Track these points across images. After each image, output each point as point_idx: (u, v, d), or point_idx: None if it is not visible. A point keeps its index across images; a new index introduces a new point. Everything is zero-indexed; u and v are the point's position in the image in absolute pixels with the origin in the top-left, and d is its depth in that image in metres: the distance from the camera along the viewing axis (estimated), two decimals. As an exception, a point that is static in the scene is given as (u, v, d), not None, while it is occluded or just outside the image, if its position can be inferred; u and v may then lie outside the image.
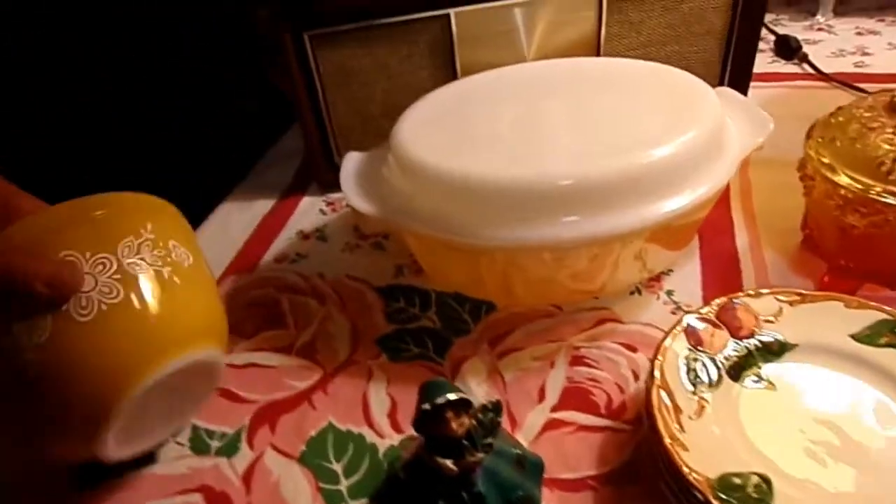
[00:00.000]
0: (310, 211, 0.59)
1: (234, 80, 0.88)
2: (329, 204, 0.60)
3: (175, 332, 0.32)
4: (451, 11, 0.52)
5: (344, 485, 0.35)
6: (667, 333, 0.36)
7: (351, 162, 0.46)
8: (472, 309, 0.46)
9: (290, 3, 0.51)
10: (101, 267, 0.31)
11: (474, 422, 0.30)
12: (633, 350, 0.41)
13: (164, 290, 0.32)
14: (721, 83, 0.59)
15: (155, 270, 0.32)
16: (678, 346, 0.35)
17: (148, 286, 0.32)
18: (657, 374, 0.33)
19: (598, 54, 0.56)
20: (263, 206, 0.60)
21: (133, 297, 0.31)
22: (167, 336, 0.32)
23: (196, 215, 0.61)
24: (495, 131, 0.44)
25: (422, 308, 0.46)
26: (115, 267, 0.31)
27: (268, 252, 0.54)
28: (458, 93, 0.48)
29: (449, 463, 0.29)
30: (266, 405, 0.40)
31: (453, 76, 0.55)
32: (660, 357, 0.34)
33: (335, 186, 0.60)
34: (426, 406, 0.27)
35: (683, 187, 0.39)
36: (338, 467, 0.36)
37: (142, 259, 0.32)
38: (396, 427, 0.38)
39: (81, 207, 0.33)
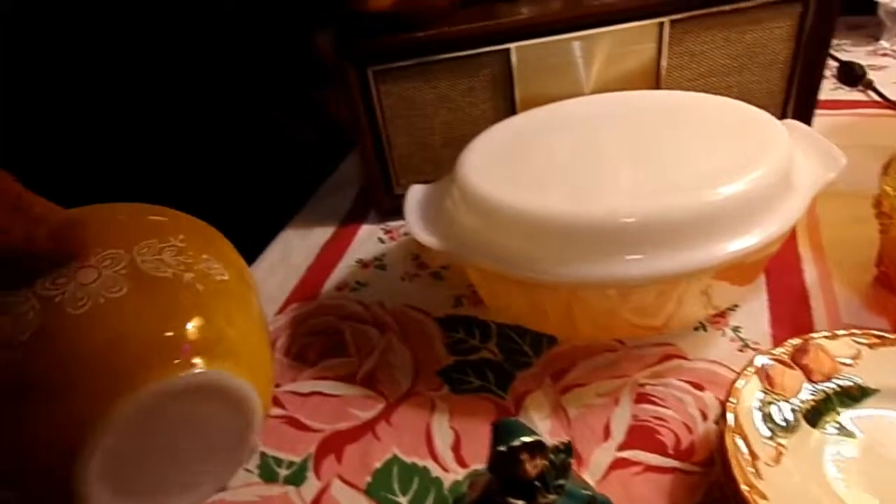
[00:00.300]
0: (368, 239, 0.60)
1: (292, 110, 0.92)
2: (387, 232, 0.61)
3: (186, 339, 0.27)
4: (512, 46, 0.53)
5: (410, 519, 0.35)
6: (738, 374, 0.35)
7: (414, 194, 0.47)
8: (533, 341, 0.46)
9: (357, 39, 0.52)
10: (108, 261, 0.27)
11: (546, 462, 0.29)
12: (700, 388, 0.40)
13: (179, 291, 0.27)
14: (784, 113, 0.58)
15: (174, 273, 0.28)
16: (751, 389, 0.34)
17: (159, 284, 0.27)
18: (730, 417, 0.33)
19: (657, 86, 0.56)
20: (323, 233, 0.62)
21: (138, 291, 0.26)
22: (175, 341, 0.27)
23: (258, 243, 0.63)
24: (559, 166, 0.44)
25: (482, 339, 0.47)
26: (124, 262, 0.27)
27: (329, 280, 0.55)
28: (521, 126, 0.49)
29: (520, 504, 0.29)
30: (331, 434, 0.41)
31: (512, 108, 0.56)
32: (732, 399, 0.34)
33: (393, 215, 0.62)
34: (502, 448, 0.27)
35: (752, 226, 0.39)
36: (403, 500, 0.36)
37: (160, 260, 0.28)
38: (461, 461, 0.38)
39: (128, 210, 0.31)
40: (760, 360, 0.35)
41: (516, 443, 0.27)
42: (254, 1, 0.86)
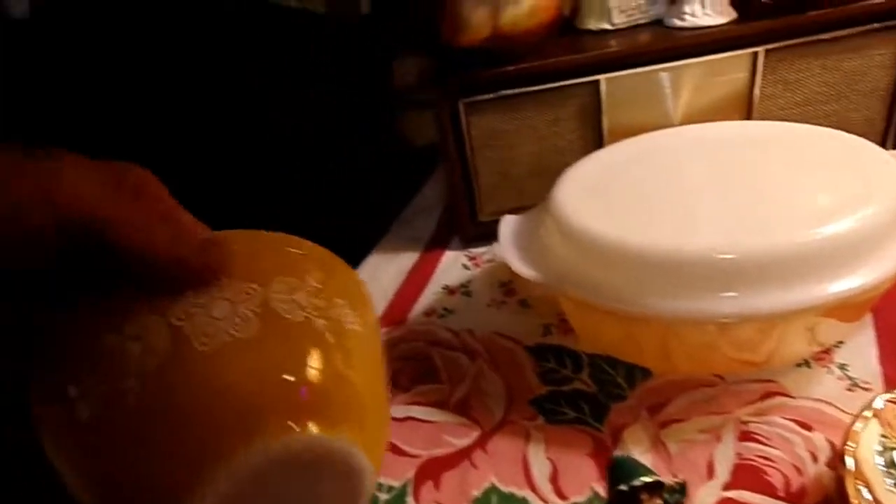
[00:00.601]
0: (453, 265, 0.61)
1: (370, 135, 0.95)
2: (471, 259, 0.62)
3: (310, 396, 0.25)
4: (602, 77, 0.53)
5: (513, 549, 0.36)
6: (855, 417, 0.34)
7: (508, 225, 0.48)
8: (627, 373, 0.45)
9: (451, 74, 0.54)
10: (244, 296, 0.25)
11: (661, 502, 0.29)
12: (808, 428, 0.39)
13: (309, 339, 0.26)
14: (884, 143, 0.56)
15: (306, 317, 0.26)
16: (870, 432, 0.33)
17: (289, 328, 0.25)
18: (850, 462, 0.32)
19: (749, 116, 0.55)
20: (409, 258, 0.63)
21: (266, 335, 0.25)
22: (297, 399, 0.25)
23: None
24: (656, 198, 0.44)
25: (574, 370, 0.47)
26: (258, 299, 0.25)
27: (416, 305, 0.57)
28: (614, 158, 0.49)
29: (635, 542, 0.29)
30: (428, 460, 0.42)
31: (599, 139, 0.56)
32: (851, 444, 0.33)
33: (477, 241, 0.63)
34: (623, 488, 0.27)
35: (861, 266, 0.38)
36: (504, 530, 0.37)
37: (294, 301, 0.26)
38: (559, 493, 0.38)
39: (268, 240, 0.28)
40: (878, 402, 0.34)
41: (637, 482, 0.27)
42: (334, 30, 0.90)
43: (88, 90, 0.73)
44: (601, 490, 0.38)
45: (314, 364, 0.25)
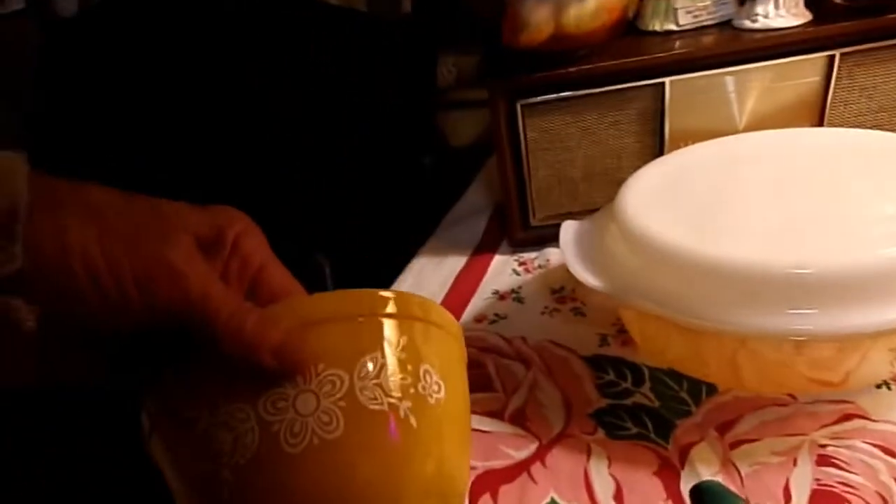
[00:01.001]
0: (503, 270, 0.60)
1: (412, 137, 0.94)
2: (521, 264, 0.60)
3: (399, 489, 0.25)
4: (667, 80, 0.52)
5: (578, 570, 0.34)
6: (953, 446, 0.32)
7: (569, 231, 0.46)
8: (692, 388, 0.44)
9: (510, 75, 0.53)
10: (328, 386, 0.25)
11: (747, 530, 0.28)
12: (892, 454, 0.37)
13: (391, 435, 0.25)
14: (965, 152, 0.53)
15: (390, 404, 0.25)
16: (971, 463, 0.31)
17: (373, 421, 0.25)
18: (951, 494, 0.30)
19: (820, 122, 0.53)
20: (456, 262, 0.62)
21: (352, 437, 0.24)
22: (388, 493, 0.25)
23: (386, 270, 0.64)
24: (726, 207, 0.42)
25: (634, 383, 0.45)
26: (344, 389, 0.25)
27: (466, 311, 0.55)
28: (681, 163, 0.47)
29: (719, 572, 0.27)
30: (485, 472, 0.40)
31: (660, 143, 0.55)
32: (951, 474, 0.30)
33: (528, 245, 0.61)
34: (715, 515, 0.26)
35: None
36: (568, 549, 0.35)
37: (378, 386, 0.25)
38: (625, 513, 0.37)
39: (354, 302, 0.27)
40: (977, 431, 0.32)
41: (729, 510, 0.26)
42: (377, 29, 0.89)
43: (133, 86, 0.74)
44: (670, 511, 0.36)
45: (395, 460, 0.25)
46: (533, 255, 0.61)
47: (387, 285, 0.61)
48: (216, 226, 0.27)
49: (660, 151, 0.55)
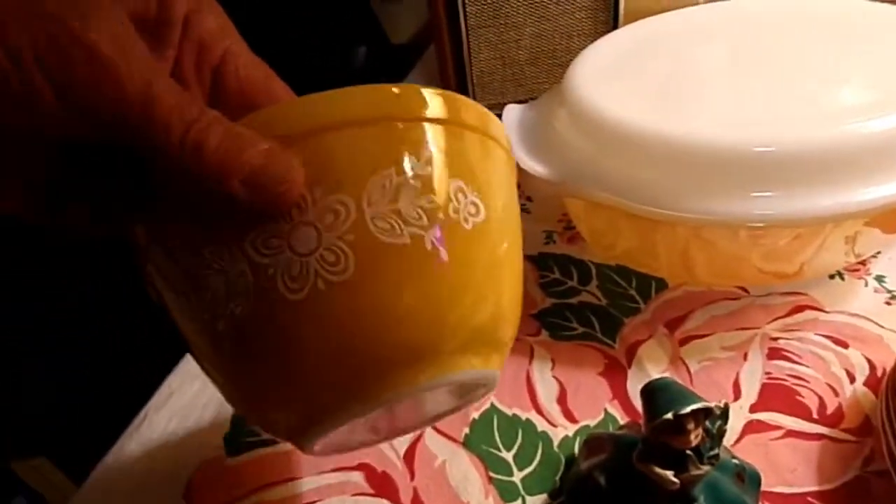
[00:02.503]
0: (442, 166, 0.55)
1: (344, 29, 0.84)
2: (462, 159, 0.55)
3: (426, 341, 0.20)
4: (623, -57, 0.45)
5: (518, 477, 0.32)
6: (911, 333, 0.30)
7: (512, 116, 0.41)
8: (640, 285, 0.41)
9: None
10: (330, 216, 0.19)
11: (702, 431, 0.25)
12: (844, 345, 0.35)
13: (418, 272, 0.20)
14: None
15: (412, 235, 0.20)
16: (928, 351, 0.29)
17: (392, 258, 0.20)
18: (908, 383, 0.28)
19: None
20: (391, 159, 0.57)
21: (366, 279, 0.19)
22: (412, 346, 0.20)
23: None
24: (684, 83, 0.38)
25: (581, 281, 0.42)
26: (351, 220, 0.19)
27: (401, 209, 0.51)
28: (636, 38, 0.42)
29: (670, 475, 0.25)
30: (420, 379, 0.37)
31: (614, 20, 0.49)
32: (907, 362, 0.29)
33: (468, 140, 0.56)
34: (669, 417, 0.23)
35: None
36: (508, 455, 0.33)
37: (395, 213, 0.20)
38: (569, 415, 0.34)
39: (364, 102, 0.20)
40: (936, 318, 0.30)
41: (686, 410, 0.23)
42: None
43: None
44: (616, 412, 0.34)
45: (426, 300, 0.20)
46: (475, 149, 0.56)
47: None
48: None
49: (614, 29, 0.49)
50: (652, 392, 0.24)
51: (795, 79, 0.37)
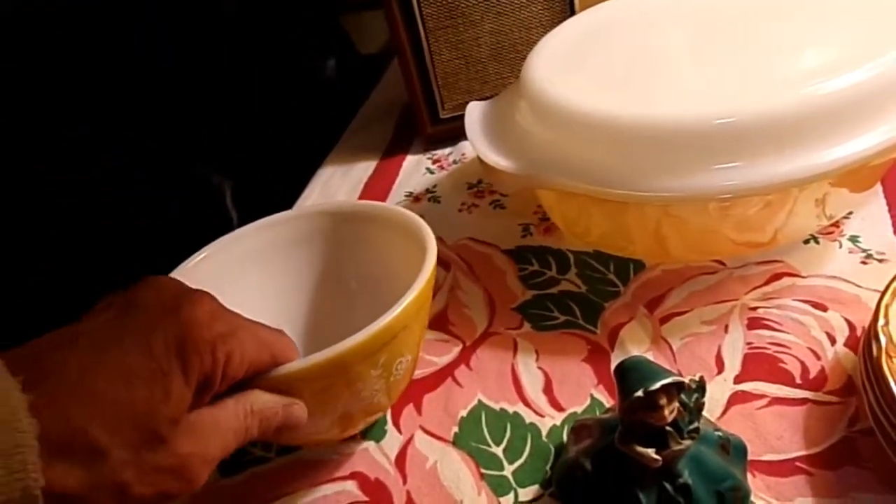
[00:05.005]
0: (415, 170, 0.55)
1: (312, 40, 0.84)
2: (435, 161, 0.55)
3: None
4: (571, -69, 0.46)
5: (509, 470, 0.32)
6: (884, 291, 0.30)
7: (474, 112, 0.41)
8: (619, 268, 0.41)
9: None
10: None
11: (679, 405, 0.25)
12: (822, 308, 0.35)
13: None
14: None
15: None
16: (902, 305, 0.29)
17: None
18: (883, 339, 0.28)
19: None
20: (365, 168, 0.57)
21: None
22: None
23: (295, 183, 0.58)
24: (643, 65, 0.38)
25: (560, 270, 0.42)
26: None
27: (379, 217, 0.51)
28: (591, 25, 0.42)
29: (651, 453, 0.25)
30: (407, 384, 0.37)
31: (570, 8, 0.49)
32: (882, 318, 0.29)
33: (440, 141, 0.56)
34: (640, 394, 0.23)
35: (878, 124, 0.33)
36: (498, 451, 0.33)
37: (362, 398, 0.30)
38: (556, 404, 0.34)
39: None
40: (908, 272, 0.30)
41: (655, 386, 0.23)
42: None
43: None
44: (602, 397, 0.34)
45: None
46: (447, 150, 0.56)
47: (293, 200, 0.55)
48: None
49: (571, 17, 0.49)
50: (623, 372, 0.25)
51: (749, 52, 0.37)
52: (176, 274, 0.33)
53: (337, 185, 0.56)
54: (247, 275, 0.37)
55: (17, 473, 0.19)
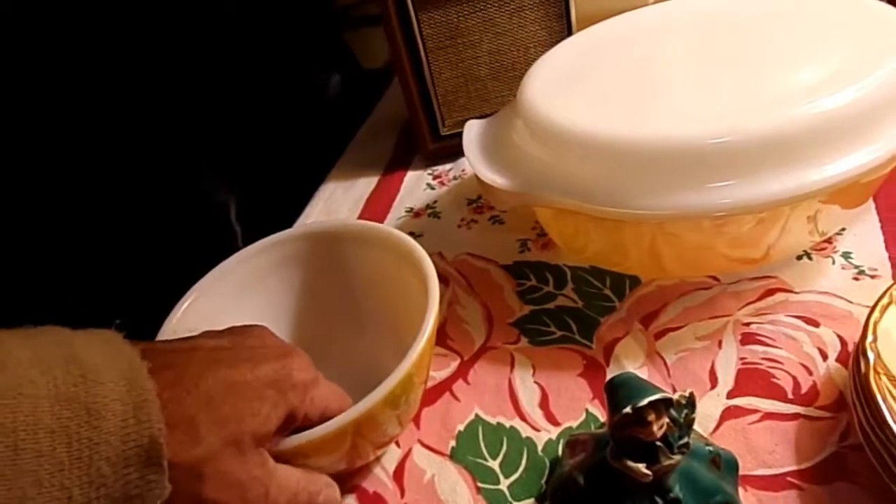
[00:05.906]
0: (416, 186, 0.56)
1: (316, 56, 0.86)
2: (436, 177, 0.56)
3: None
4: (567, -46, 0.47)
5: (504, 484, 0.32)
6: (873, 307, 0.30)
7: (472, 131, 0.42)
8: (615, 284, 0.42)
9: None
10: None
11: (668, 420, 0.26)
12: (815, 324, 0.36)
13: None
14: None
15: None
16: (890, 322, 0.30)
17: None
18: (871, 356, 0.28)
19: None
20: (367, 183, 0.58)
21: None
22: None
23: (298, 198, 0.59)
24: (637, 85, 0.39)
25: (557, 286, 0.43)
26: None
27: (380, 232, 0.51)
28: (586, 44, 0.43)
29: (642, 468, 0.25)
30: (405, 397, 0.38)
31: (567, 28, 0.50)
32: (870, 335, 0.29)
33: (441, 158, 0.57)
34: (628, 410, 0.23)
35: (869, 142, 0.33)
36: (494, 464, 0.33)
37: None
38: (551, 419, 0.35)
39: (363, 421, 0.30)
40: (896, 289, 0.31)
41: (643, 402, 0.24)
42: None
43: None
44: (597, 411, 0.35)
45: None
46: (447, 166, 0.57)
47: (296, 215, 0.56)
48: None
49: (569, 36, 0.50)
50: (613, 388, 0.25)
51: (741, 72, 0.38)
52: (169, 324, 0.35)
53: (339, 200, 0.57)
54: (241, 307, 0.38)
55: (144, 423, 0.23)
